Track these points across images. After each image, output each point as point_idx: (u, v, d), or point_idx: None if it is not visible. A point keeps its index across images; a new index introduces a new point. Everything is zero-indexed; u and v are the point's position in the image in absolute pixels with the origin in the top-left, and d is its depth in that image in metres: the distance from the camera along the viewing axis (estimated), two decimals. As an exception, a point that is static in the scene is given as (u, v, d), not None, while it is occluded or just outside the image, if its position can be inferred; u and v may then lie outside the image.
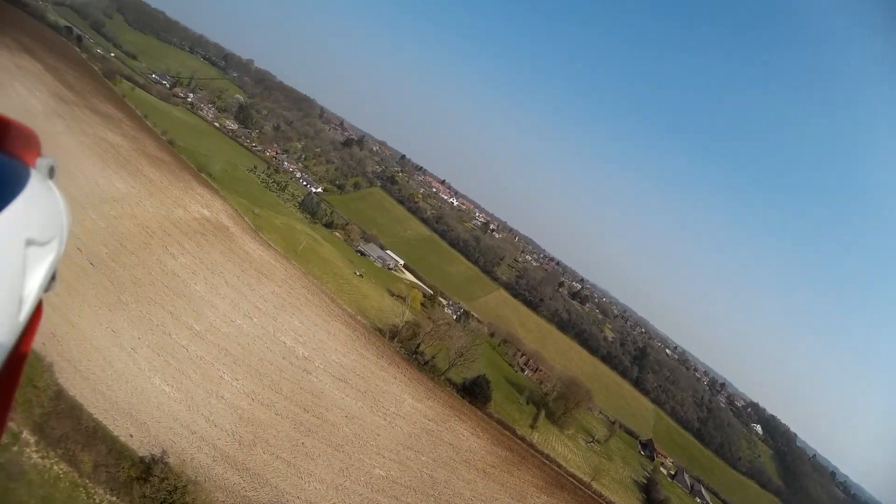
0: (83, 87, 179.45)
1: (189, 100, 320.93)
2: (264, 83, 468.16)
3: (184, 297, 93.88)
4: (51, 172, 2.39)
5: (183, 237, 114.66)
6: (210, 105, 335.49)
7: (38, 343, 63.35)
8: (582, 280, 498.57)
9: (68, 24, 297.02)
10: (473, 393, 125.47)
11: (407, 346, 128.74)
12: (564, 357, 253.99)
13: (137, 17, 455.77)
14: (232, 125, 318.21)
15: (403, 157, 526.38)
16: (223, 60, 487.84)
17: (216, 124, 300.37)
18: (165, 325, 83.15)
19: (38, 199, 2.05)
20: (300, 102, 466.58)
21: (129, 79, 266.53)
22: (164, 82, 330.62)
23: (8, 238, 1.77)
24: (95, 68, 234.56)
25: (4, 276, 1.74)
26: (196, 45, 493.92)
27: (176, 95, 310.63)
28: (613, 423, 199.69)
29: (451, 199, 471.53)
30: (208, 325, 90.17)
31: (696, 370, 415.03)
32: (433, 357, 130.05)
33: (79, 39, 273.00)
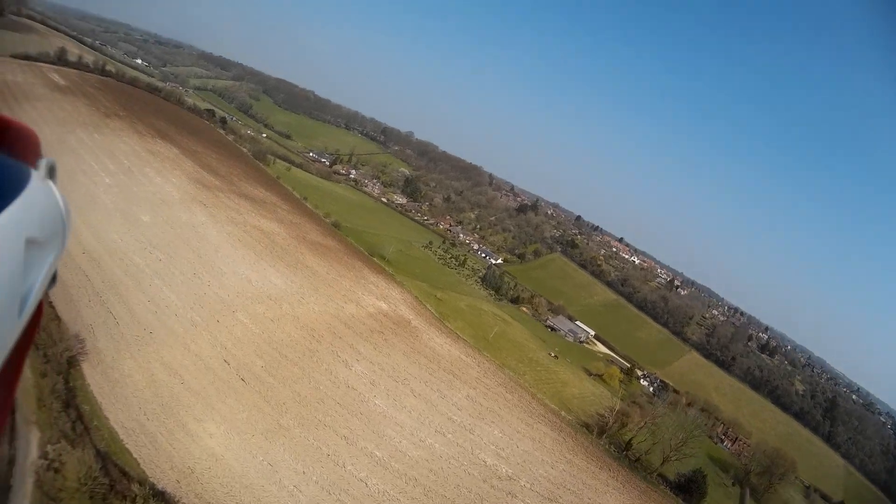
0: (229, 170, 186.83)
1: (352, 176, 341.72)
2: (427, 154, 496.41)
3: (361, 415, 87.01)
4: (51, 173, 2.59)
5: (357, 339, 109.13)
6: (374, 180, 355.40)
7: (170, 481, 59.58)
8: (767, 329, 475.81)
9: (210, 108, 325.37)
10: (688, 490, 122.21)
11: (614, 440, 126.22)
12: (758, 419, 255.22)
13: (286, 98, 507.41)
14: (400, 199, 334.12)
15: (578, 217, 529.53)
16: (382, 135, 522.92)
17: (383, 200, 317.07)
18: (338, 453, 75.87)
19: (39, 199, 2.24)
20: (468, 171, 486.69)
21: (285, 158, 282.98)
22: (323, 160, 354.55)
23: (8, 238, 1.90)
24: (243, 149, 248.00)
25: (5, 275, 1.84)
26: (351, 121, 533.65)
27: (337, 173, 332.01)
28: (808, 487, 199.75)
29: (633, 258, 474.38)
30: (392, 450, 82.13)
31: (879, 414, 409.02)
32: (646, 452, 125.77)
33: (223, 121, 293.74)
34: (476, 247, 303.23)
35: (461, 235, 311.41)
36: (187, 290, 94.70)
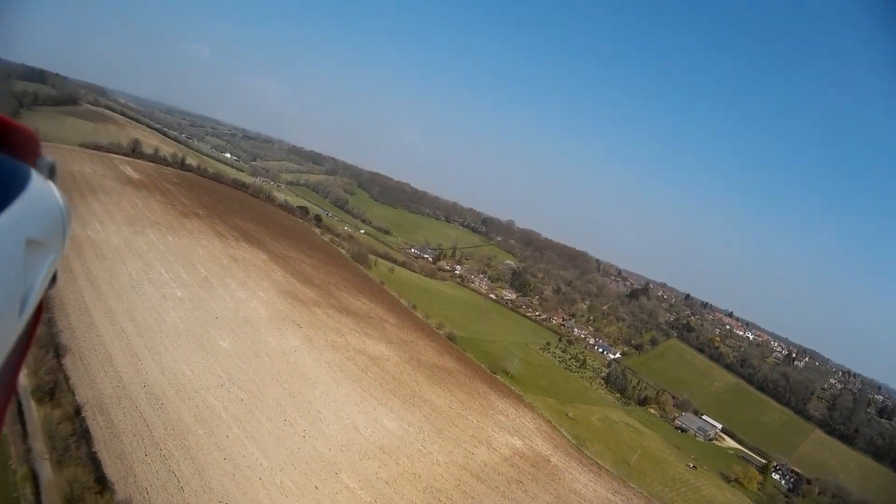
0: (326, 278, 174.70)
1: (457, 272, 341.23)
2: (532, 244, 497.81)
3: None
4: (51, 173, 2.67)
5: (494, 497, 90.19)
6: (481, 275, 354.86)
7: None
8: (879, 388, 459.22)
9: (303, 204, 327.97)
10: None
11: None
12: (886, 493, 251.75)
13: (382, 192, 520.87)
14: (509, 295, 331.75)
15: (688, 296, 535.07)
16: (483, 225, 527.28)
17: (492, 296, 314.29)
18: None
19: (39, 199, 2.30)
20: (574, 258, 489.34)
21: (387, 257, 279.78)
22: (426, 256, 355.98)
23: (8, 238, 1.95)
24: (342, 251, 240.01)
25: (5, 276, 1.90)
26: (451, 212, 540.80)
27: (442, 269, 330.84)
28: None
29: (747, 334, 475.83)
30: None
31: None
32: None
33: (317, 219, 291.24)
34: (592, 340, 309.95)
35: (575, 330, 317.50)
36: (276, 442, 75.87)
